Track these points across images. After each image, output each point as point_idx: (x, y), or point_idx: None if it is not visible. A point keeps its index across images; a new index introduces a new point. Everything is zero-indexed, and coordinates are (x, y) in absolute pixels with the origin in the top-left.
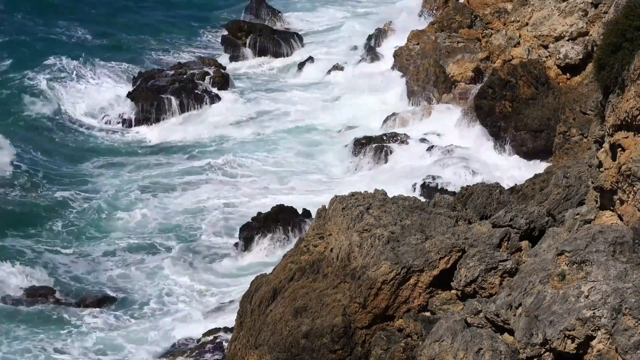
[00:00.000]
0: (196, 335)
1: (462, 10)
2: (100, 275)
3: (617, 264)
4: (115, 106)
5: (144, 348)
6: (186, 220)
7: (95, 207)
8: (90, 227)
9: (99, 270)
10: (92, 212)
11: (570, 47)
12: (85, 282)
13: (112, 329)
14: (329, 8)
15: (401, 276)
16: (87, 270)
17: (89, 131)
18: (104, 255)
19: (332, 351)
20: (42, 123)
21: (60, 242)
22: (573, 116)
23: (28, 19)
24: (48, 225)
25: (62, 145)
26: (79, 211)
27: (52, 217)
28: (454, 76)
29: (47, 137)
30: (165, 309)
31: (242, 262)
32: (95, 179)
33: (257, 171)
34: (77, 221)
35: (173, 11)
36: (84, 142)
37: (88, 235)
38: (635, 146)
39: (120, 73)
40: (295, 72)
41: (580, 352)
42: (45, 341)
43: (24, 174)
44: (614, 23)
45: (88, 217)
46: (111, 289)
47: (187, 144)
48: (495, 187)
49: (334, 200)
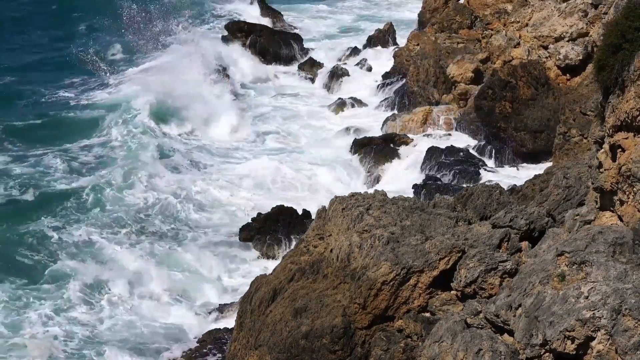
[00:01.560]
0: (196, 335)
1: (462, 11)
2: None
3: (617, 265)
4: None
5: (144, 348)
6: (186, 220)
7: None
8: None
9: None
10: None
11: (570, 48)
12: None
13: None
14: (329, 9)
15: (401, 277)
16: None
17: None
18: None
19: (332, 352)
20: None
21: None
22: (573, 117)
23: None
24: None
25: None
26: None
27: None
28: (453, 77)
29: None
30: (166, 309)
31: (242, 262)
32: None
33: (257, 171)
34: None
35: (173, 10)
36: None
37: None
38: (635, 147)
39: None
40: (295, 72)
41: (580, 353)
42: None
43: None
44: (613, 24)
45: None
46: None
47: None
48: (495, 187)
49: (333, 201)
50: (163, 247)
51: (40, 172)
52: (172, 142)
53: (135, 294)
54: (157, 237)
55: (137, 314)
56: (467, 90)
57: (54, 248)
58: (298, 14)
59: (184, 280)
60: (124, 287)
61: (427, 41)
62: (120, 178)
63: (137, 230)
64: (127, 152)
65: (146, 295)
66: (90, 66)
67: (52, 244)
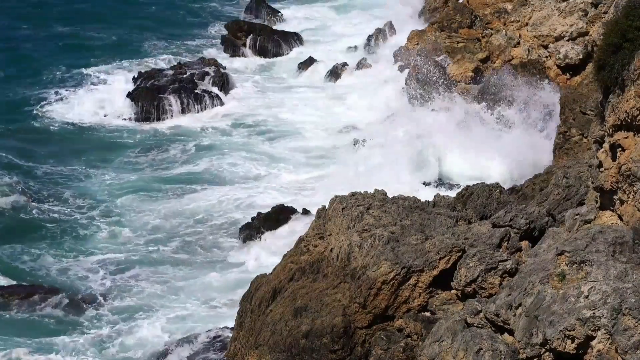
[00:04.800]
0: (196, 335)
1: (462, 10)
2: (94, 274)
3: (617, 264)
4: (115, 106)
5: (144, 349)
6: (186, 220)
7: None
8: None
9: (94, 269)
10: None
11: (570, 47)
12: (80, 279)
13: (108, 328)
14: (328, 8)
15: (401, 276)
16: (83, 267)
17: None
18: (100, 254)
19: (332, 351)
20: (42, 124)
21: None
22: (573, 116)
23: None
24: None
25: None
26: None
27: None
28: (454, 76)
29: (45, 138)
30: (165, 308)
31: (242, 262)
32: (91, 178)
33: (257, 172)
34: (73, 219)
35: (173, 11)
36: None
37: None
38: (635, 146)
39: (119, 73)
40: (295, 72)
41: (580, 352)
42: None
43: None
44: (614, 23)
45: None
46: (106, 286)
47: (187, 144)
48: (495, 187)
49: (333, 200)
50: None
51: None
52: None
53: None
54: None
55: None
56: (467, 89)
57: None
58: (298, 14)
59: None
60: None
61: (427, 40)
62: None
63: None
64: None
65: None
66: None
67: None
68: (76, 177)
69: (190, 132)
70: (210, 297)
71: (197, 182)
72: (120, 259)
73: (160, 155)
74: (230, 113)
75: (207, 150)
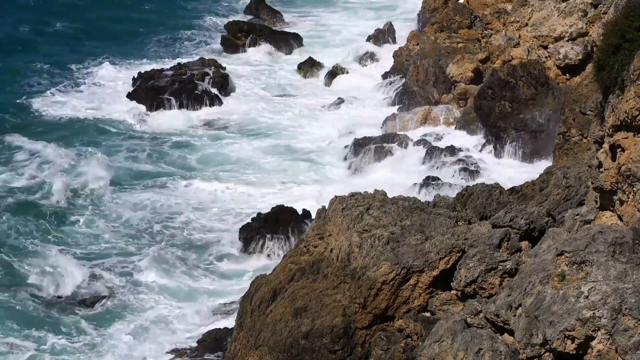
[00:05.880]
0: (196, 335)
1: (461, 11)
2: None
3: (617, 265)
4: (116, 106)
5: (145, 348)
6: (186, 220)
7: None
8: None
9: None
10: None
11: (570, 48)
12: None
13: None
14: (328, 9)
15: (401, 276)
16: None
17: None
18: (96, 252)
19: (332, 351)
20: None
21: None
22: (573, 116)
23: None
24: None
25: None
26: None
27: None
28: (453, 77)
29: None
30: (165, 308)
31: (242, 262)
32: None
33: (257, 172)
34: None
35: (173, 11)
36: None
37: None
38: (635, 146)
39: (119, 73)
40: (294, 72)
41: (580, 353)
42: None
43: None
44: (613, 23)
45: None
46: (107, 287)
47: (186, 144)
48: (495, 187)
49: (333, 201)
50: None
51: None
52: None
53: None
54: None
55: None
56: (467, 90)
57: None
58: (298, 14)
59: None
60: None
61: (426, 41)
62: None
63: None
64: None
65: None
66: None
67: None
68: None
69: (190, 132)
70: (209, 297)
71: (195, 181)
72: (109, 254)
73: (159, 155)
74: (229, 113)
75: (207, 150)
